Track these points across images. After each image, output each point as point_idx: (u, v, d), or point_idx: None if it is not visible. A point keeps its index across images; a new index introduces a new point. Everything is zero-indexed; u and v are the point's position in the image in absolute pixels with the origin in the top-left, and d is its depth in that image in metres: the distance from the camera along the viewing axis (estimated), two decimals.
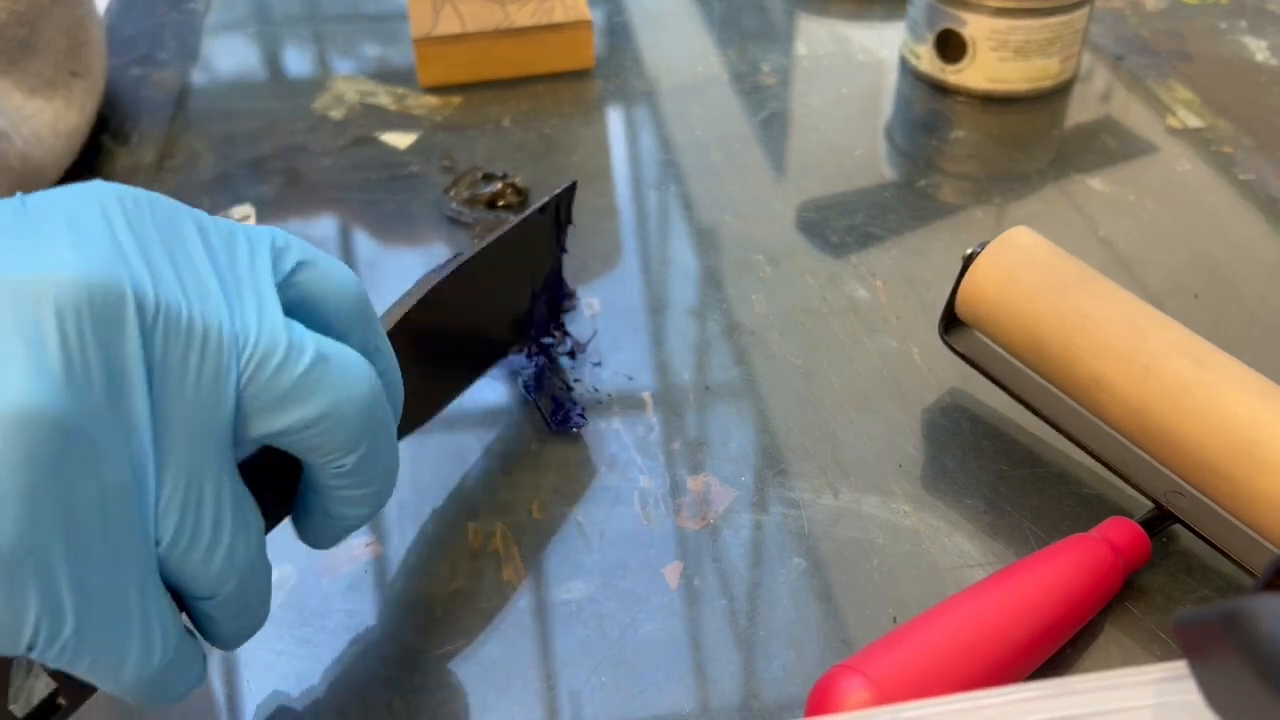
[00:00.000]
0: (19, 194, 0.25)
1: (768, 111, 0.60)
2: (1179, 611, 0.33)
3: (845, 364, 0.44)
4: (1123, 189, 0.53)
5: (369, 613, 0.35)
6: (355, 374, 0.27)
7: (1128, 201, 0.52)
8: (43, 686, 0.31)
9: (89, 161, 0.56)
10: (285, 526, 0.31)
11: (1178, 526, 0.36)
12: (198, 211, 0.26)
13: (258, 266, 0.26)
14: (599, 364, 0.44)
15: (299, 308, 0.27)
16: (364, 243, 0.51)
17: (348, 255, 0.50)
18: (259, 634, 0.34)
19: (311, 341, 0.26)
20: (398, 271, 0.49)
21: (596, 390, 0.43)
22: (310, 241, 0.52)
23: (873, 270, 0.48)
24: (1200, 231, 0.50)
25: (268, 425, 0.25)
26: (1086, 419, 0.38)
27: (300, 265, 0.27)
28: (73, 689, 0.27)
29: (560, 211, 0.42)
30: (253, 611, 0.28)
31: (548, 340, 0.43)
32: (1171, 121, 0.58)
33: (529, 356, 0.43)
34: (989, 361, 0.40)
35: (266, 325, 0.25)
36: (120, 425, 0.23)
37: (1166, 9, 0.69)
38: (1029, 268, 0.37)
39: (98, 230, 0.24)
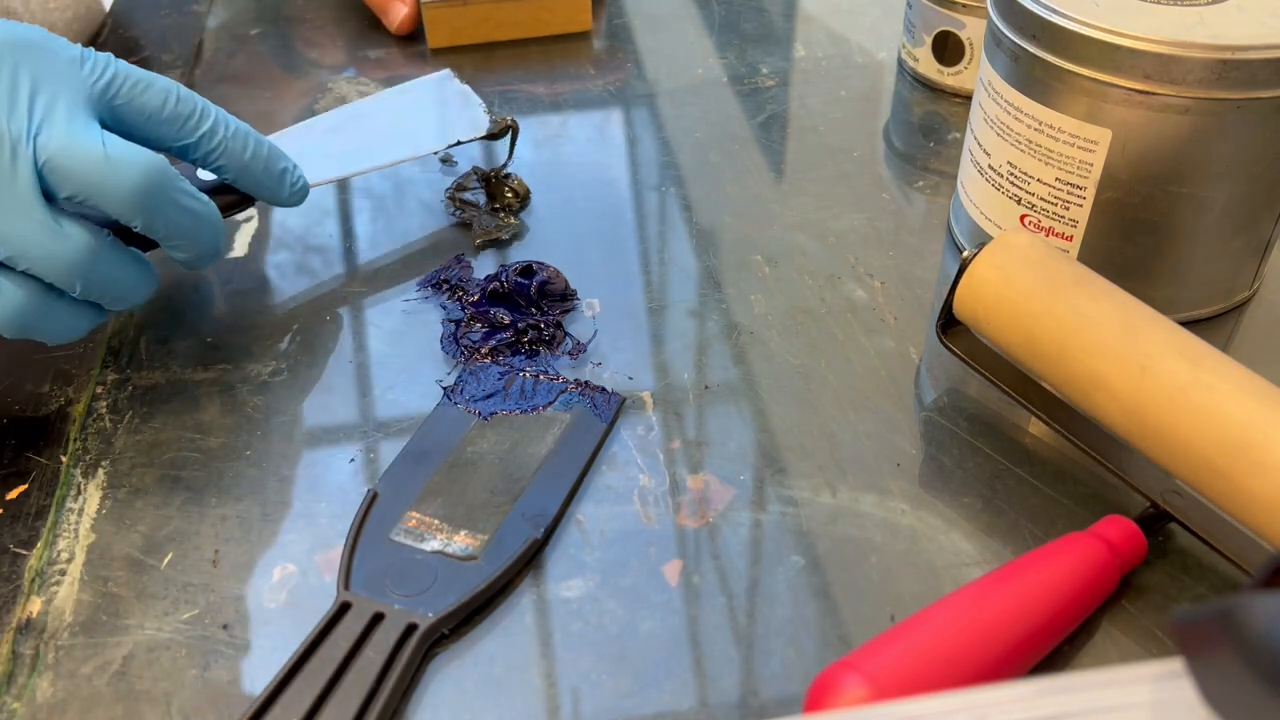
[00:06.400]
0: None
1: (767, 113, 0.60)
2: (1176, 609, 0.33)
3: (843, 364, 0.44)
4: None
5: None
6: (129, 166, 0.38)
7: None
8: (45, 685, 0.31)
9: None
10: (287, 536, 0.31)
11: (1175, 525, 0.36)
12: (60, 47, 0.39)
13: (71, 92, 0.38)
14: (599, 364, 0.44)
15: (121, 119, 0.40)
16: (366, 244, 0.51)
17: (349, 257, 0.50)
18: (264, 631, 0.34)
19: (97, 141, 0.37)
20: (399, 273, 0.49)
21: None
22: (311, 243, 0.52)
23: (871, 271, 0.48)
24: None
25: (64, 192, 0.37)
26: (1083, 418, 0.39)
27: (109, 88, 0.40)
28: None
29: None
30: (121, 289, 0.40)
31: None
32: None
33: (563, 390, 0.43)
34: (986, 361, 0.41)
35: (60, 131, 0.37)
36: None
37: None
38: (1026, 269, 0.38)
39: None
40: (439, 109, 0.53)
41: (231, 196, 0.44)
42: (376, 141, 0.50)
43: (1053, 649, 0.33)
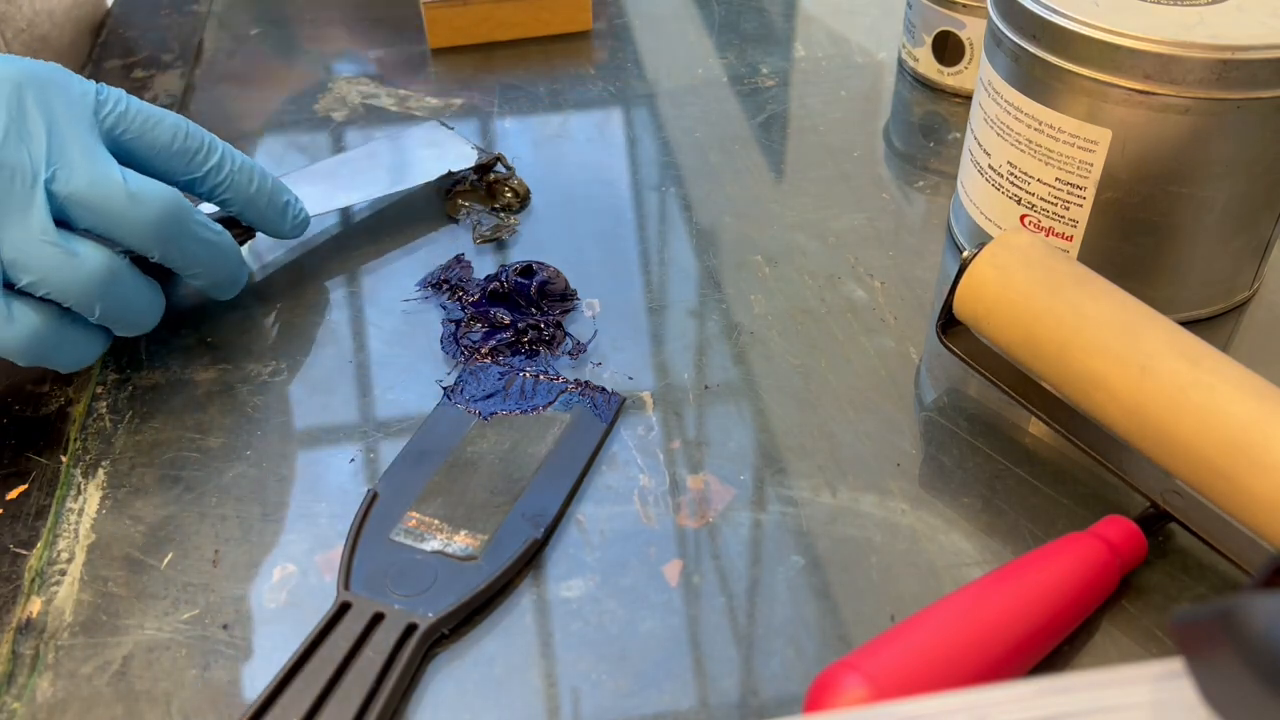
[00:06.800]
0: None
1: (766, 113, 0.60)
2: (1176, 609, 0.33)
3: (843, 364, 0.44)
4: None
5: None
6: (149, 200, 0.39)
7: None
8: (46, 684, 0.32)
9: None
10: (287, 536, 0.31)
11: (1175, 525, 0.36)
12: (73, 83, 0.40)
13: (85, 127, 0.39)
14: (599, 364, 0.44)
15: (131, 153, 0.41)
16: (366, 244, 0.51)
17: (349, 257, 0.50)
18: (264, 631, 0.34)
19: (118, 177, 0.38)
20: (399, 273, 0.49)
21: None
22: (311, 244, 0.52)
23: (870, 271, 0.48)
24: None
25: (84, 224, 0.38)
26: (1083, 418, 0.39)
27: (119, 123, 0.40)
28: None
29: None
30: (135, 312, 0.41)
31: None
32: None
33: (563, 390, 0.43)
34: (986, 361, 0.41)
35: (81, 167, 0.38)
36: None
37: None
38: (1026, 269, 0.38)
39: None
40: (430, 149, 0.55)
41: (234, 230, 0.45)
42: (373, 177, 0.53)
43: (1053, 649, 0.33)
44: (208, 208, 0.45)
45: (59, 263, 0.37)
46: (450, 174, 0.53)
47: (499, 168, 0.54)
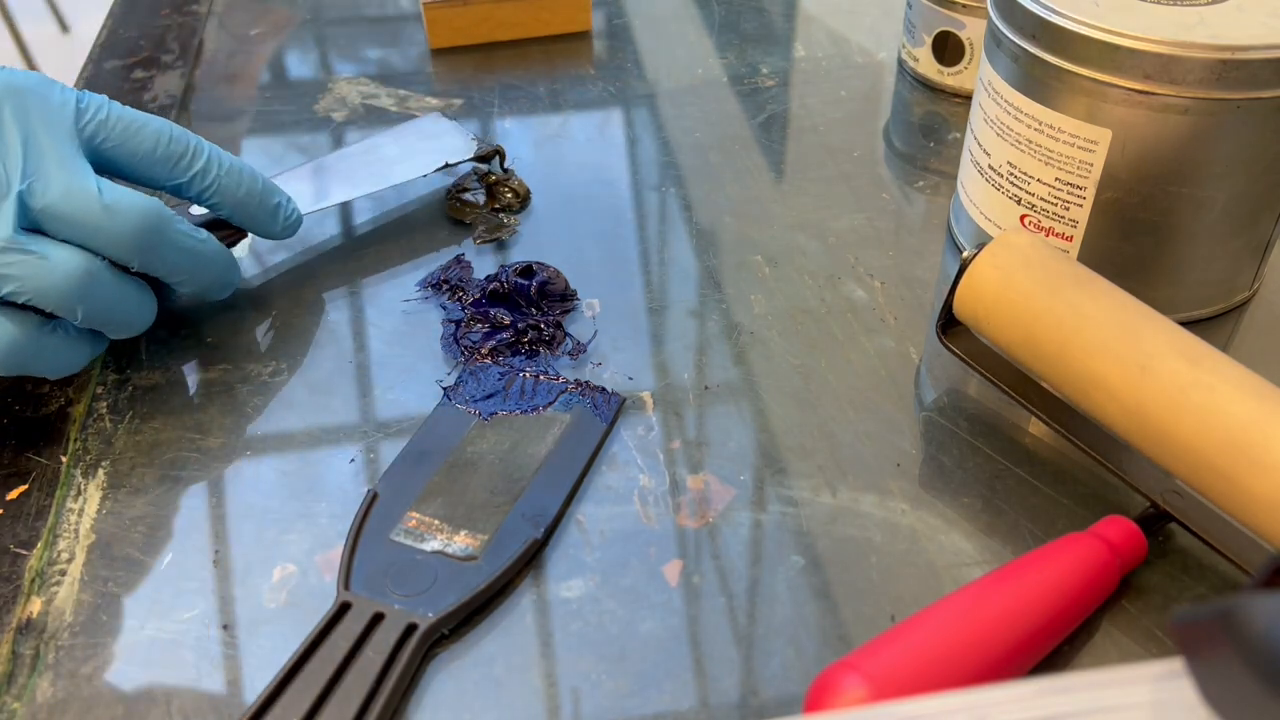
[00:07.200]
0: None
1: (766, 114, 0.60)
2: (1176, 609, 0.33)
3: (843, 364, 0.44)
4: None
5: None
6: (125, 212, 0.39)
7: None
8: (46, 684, 0.32)
9: None
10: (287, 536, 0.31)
11: (1175, 525, 0.36)
12: (53, 92, 0.40)
13: (63, 137, 0.39)
14: (599, 364, 0.44)
15: (113, 160, 0.41)
16: (366, 244, 0.51)
17: (349, 257, 0.50)
18: (264, 631, 0.34)
19: (93, 188, 0.38)
20: (399, 273, 0.49)
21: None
22: (311, 244, 0.52)
23: (871, 271, 0.48)
24: None
25: (61, 236, 0.38)
26: (1083, 418, 0.39)
27: (100, 131, 0.40)
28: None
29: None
30: (123, 314, 0.40)
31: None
32: None
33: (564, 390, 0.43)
34: (986, 361, 0.41)
35: (56, 178, 0.38)
36: None
37: None
38: (1026, 269, 0.38)
39: None
40: (428, 141, 0.55)
41: (225, 231, 0.45)
42: (370, 171, 0.52)
43: (1053, 649, 0.33)
44: (199, 210, 0.45)
45: (31, 268, 0.37)
46: (447, 165, 0.53)
47: (498, 167, 0.54)
